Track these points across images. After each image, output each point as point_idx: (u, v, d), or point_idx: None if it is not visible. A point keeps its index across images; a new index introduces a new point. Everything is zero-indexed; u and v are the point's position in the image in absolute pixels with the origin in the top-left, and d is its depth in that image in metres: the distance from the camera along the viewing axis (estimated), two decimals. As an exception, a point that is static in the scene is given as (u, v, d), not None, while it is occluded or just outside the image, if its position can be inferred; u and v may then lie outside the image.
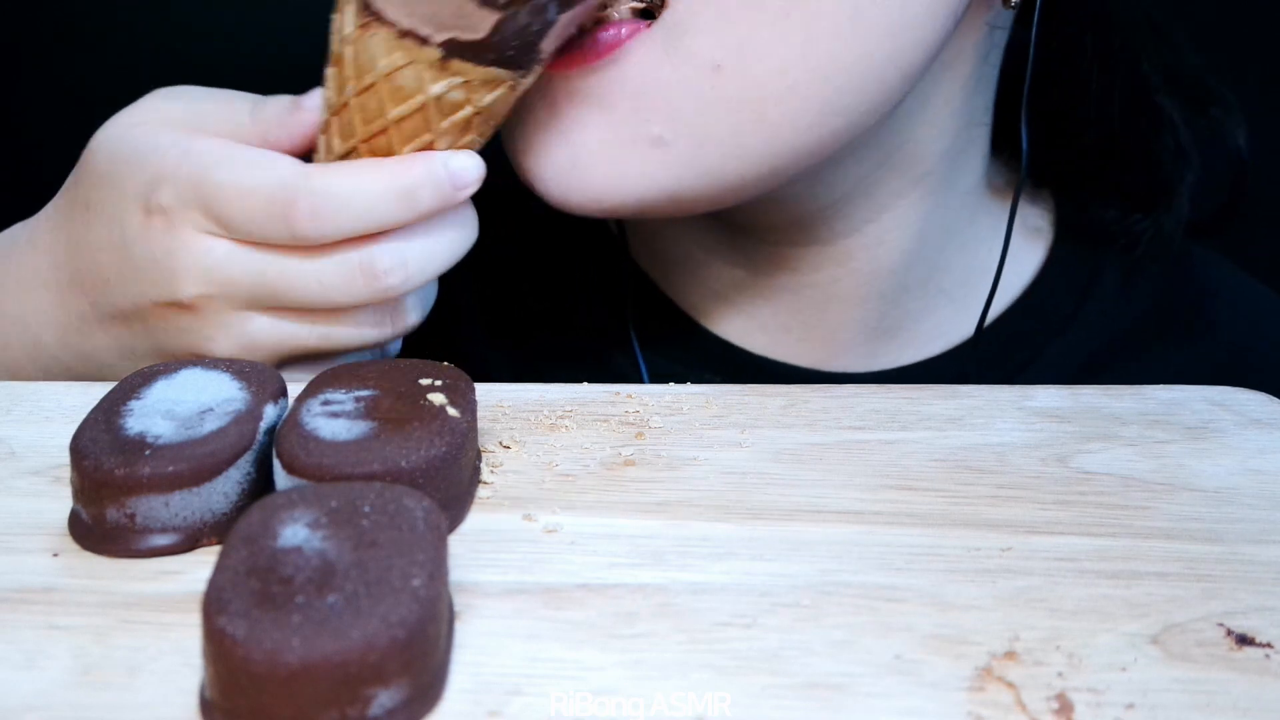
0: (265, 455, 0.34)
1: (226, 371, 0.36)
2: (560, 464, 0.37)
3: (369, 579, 0.27)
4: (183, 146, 0.41)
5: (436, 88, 0.40)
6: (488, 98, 0.40)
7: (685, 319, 0.56)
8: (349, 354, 0.44)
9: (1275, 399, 0.42)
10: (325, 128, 0.42)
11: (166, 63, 0.83)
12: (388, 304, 0.43)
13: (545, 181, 0.44)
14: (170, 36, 0.84)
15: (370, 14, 0.40)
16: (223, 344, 0.42)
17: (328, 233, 0.39)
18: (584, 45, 0.42)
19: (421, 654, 0.26)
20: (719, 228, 0.53)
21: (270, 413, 0.35)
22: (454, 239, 0.42)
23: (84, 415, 0.34)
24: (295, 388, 0.37)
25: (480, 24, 0.38)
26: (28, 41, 0.83)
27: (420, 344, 0.46)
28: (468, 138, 0.42)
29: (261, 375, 0.36)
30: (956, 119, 0.50)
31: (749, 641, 0.29)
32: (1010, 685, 0.28)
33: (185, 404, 0.34)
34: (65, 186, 0.45)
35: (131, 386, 0.35)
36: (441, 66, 0.39)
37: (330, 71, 0.42)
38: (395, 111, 0.40)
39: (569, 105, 0.43)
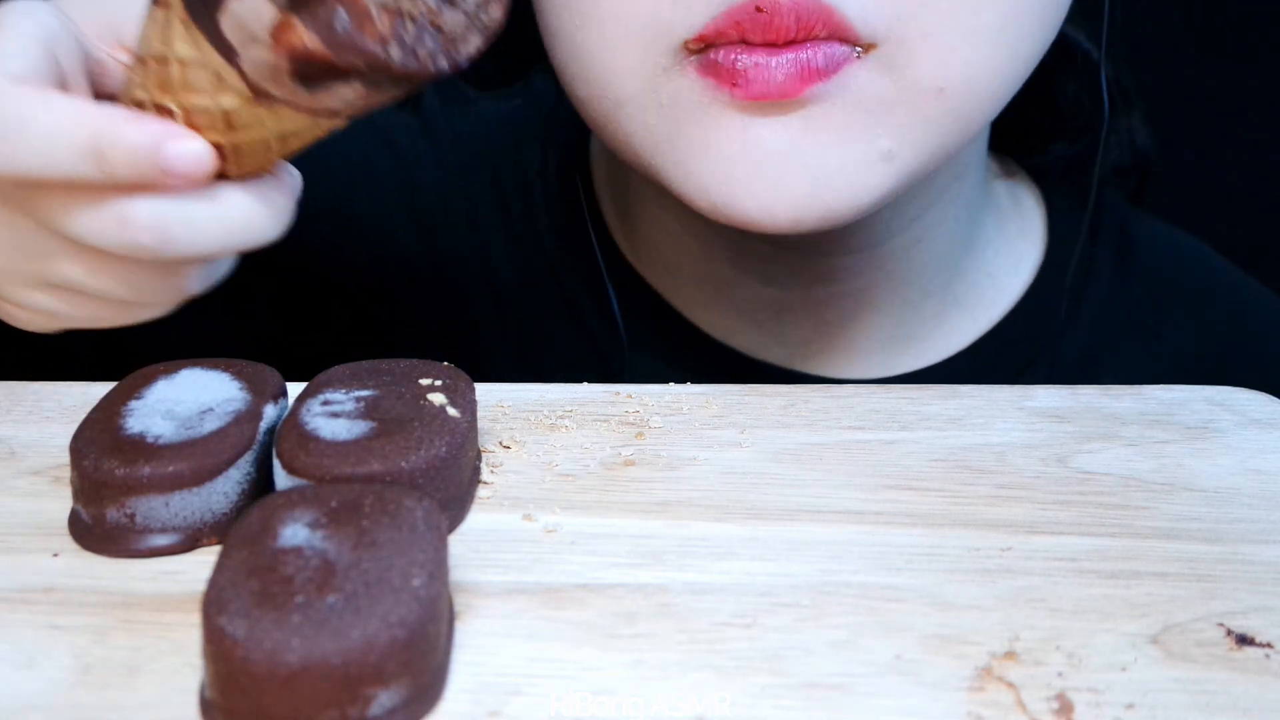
0: (265, 455, 0.34)
1: (226, 371, 0.36)
2: (560, 464, 0.37)
3: (369, 579, 0.27)
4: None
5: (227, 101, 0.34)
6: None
7: (701, 336, 0.55)
8: (128, 314, 0.38)
9: (1275, 399, 0.42)
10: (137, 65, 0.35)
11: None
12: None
13: (775, 213, 0.42)
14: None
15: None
16: None
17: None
18: (774, 75, 0.40)
19: (421, 654, 0.26)
20: (762, 248, 0.52)
21: (270, 413, 0.35)
22: (237, 221, 0.35)
23: (84, 415, 0.34)
24: (295, 388, 0.37)
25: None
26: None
27: (419, 344, 0.46)
28: (265, 155, 0.35)
29: (261, 375, 0.36)
30: None
31: (749, 641, 0.29)
32: (1010, 685, 0.28)
33: (185, 404, 0.34)
34: None
35: (132, 386, 0.35)
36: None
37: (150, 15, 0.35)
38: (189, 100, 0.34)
39: (794, 129, 0.41)
